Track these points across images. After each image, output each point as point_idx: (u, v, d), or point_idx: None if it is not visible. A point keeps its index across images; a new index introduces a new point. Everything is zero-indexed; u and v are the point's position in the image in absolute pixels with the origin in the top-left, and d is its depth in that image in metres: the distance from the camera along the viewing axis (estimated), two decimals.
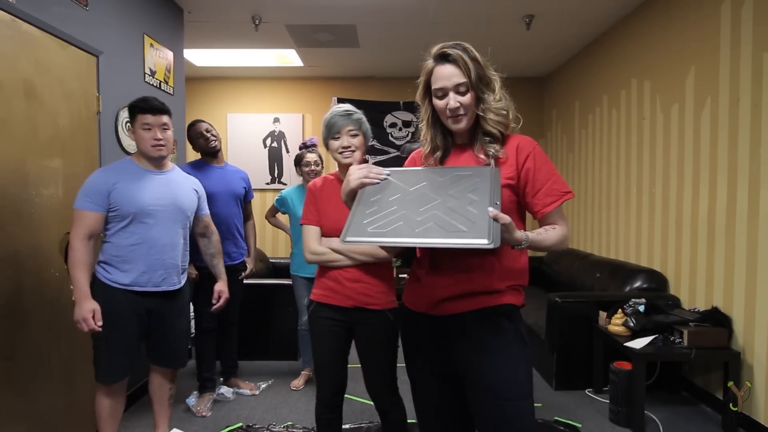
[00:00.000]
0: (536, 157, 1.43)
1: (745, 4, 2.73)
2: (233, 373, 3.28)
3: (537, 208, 1.43)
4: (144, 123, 2.12)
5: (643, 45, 3.73)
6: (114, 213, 2.07)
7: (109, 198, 2.05)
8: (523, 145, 1.44)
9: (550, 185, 1.42)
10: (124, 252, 2.09)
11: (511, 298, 1.41)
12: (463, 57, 1.40)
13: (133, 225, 2.09)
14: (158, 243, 2.13)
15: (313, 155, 3.23)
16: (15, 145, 2.14)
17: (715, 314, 2.82)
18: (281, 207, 3.45)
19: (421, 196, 1.36)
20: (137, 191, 2.10)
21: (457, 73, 1.40)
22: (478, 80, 1.41)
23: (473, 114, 1.43)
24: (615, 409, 2.82)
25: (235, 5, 3.81)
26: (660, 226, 3.52)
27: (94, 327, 1.99)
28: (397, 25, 4.24)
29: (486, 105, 1.42)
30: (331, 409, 1.97)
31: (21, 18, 2.16)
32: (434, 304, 1.43)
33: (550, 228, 1.40)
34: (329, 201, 1.94)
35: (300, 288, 3.32)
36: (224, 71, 5.70)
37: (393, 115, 5.92)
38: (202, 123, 3.04)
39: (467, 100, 1.41)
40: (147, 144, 2.13)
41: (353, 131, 1.90)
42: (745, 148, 2.72)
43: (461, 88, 1.40)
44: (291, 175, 5.94)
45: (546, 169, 1.43)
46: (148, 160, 2.18)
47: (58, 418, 2.38)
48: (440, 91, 1.43)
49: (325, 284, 1.93)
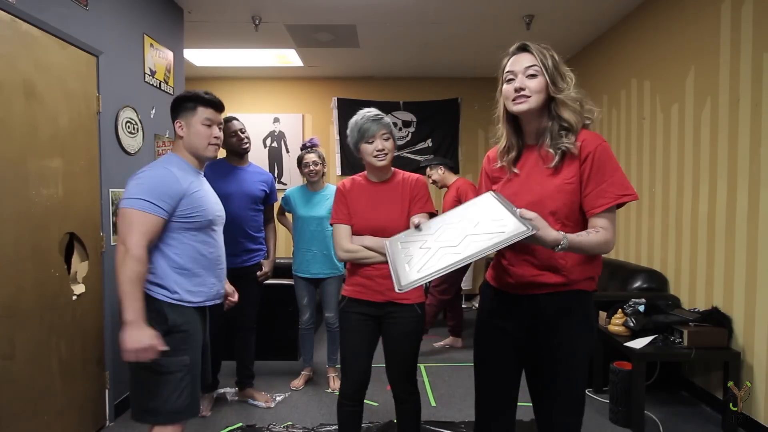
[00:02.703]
0: (597, 156, 1.40)
1: (745, 4, 2.73)
2: (249, 383, 3.13)
3: (587, 208, 1.42)
4: (206, 118, 1.87)
5: (643, 45, 3.73)
6: (187, 221, 1.77)
7: (180, 202, 1.74)
8: (587, 142, 1.42)
9: (605, 186, 1.39)
10: (191, 263, 1.79)
11: (582, 285, 1.48)
12: (539, 46, 1.43)
13: (204, 233, 1.83)
14: (223, 252, 1.95)
15: (312, 155, 3.23)
16: (15, 145, 2.14)
17: (715, 314, 2.81)
18: (285, 206, 3.46)
19: (447, 232, 1.44)
20: (207, 196, 1.87)
21: (530, 58, 1.42)
22: (554, 68, 1.41)
23: (539, 100, 1.42)
24: (615, 409, 2.82)
25: (235, 5, 3.81)
26: (660, 226, 3.52)
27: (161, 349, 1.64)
28: (397, 25, 4.24)
29: (561, 92, 1.41)
30: (355, 402, 2.07)
31: (21, 18, 2.16)
32: (513, 286, 1.52)
33: (593, 231, 1.39)
34: (358, 200, 2.02)
35: (300, 288, 3.33)
36: (224, 71, 5.70)
37: (393, 115, 5.92)
38: (236, 122, 2.97)
39: (535, 84, 1.41)
40: (204, 141, 1.86)
41: (386, 135, 1.97)
42: (745, 148, 2.72)
43: (531, 71, 1.41)
44: (291, 175, 5.94)
45: (605, 169, 1.40)
46: (198, 159, 1.90)
47: (58, 418, 2.38)
48: (510, 74, 1.44)
49: (358, 281, 2.01)
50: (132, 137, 3.05)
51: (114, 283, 1.75)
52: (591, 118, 1.47)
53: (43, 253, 2.30)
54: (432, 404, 3.10)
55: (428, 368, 3.76)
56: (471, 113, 5.94)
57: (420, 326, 2.03)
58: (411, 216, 1.90)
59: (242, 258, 2.96)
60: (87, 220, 2.61)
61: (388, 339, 2.03)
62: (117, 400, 2.87)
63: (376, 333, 2.04)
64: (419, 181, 2.03)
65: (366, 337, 2.02)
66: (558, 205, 1.41)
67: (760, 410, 2.64)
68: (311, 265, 3.23)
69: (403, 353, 2.02)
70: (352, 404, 2.06)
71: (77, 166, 2.55)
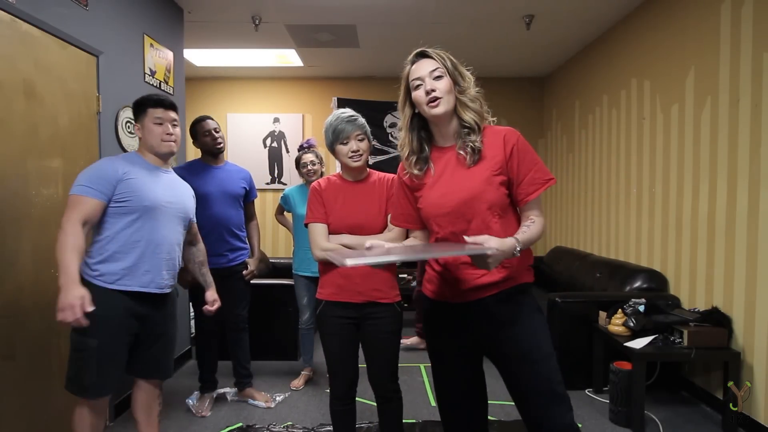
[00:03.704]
0: (520, 148, 1.49)
1: (745, 4, 2.73)
2: (248, 383, 3.12)
3: (520, 197, 1.49)
4: (156, 117, 2.02)
5: (643, 45, 3.73)
6: (121, 205, 1.92)
7: (116, 188, 1.90)
8: (508, 137, 1.50)
9: (533, 174, 1.48)
10: (124, 248, 1.92)
11: (524, 278, 1.53)
12: (436, 51, 1.51)
13: (141, 220, 1.95)
14: (166, 242, 2.02)
15: (310, 155, 3.24)
16: (15, 145, 2.14)
17: (715, 314, 2.81)
18: (285, 205, 3.47)
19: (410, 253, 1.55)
20: (151, 185, 1.99)
21: (432, 62, 1.49)
22: (454, 68, 1.49)
23: (451, 101, 1.48)
24: (615, 409, 2.82)
25: (235, 5, 3.81)
26: (660, 226, 3.52)
27: (81, 319, 1.74)
28: (397, 25, 4.24)
29: (463, 92, 1.49)
30: (346, 401, 2.06)
31: (21, 18, 2.16)
32: (456, 294, 1.52)
33: (530, 223, 1.47)
34: (335, 199, 2.01)
35: (300, 287, 3.33)
36: (224, 71, 5.70)
37: (393, 115, 5.91)
38: (210, 121, 2.96)
39: (443, 85, 1.47)
40: (157, 138, 2.03)
41: (360, 135, 1.97)
42: (745, 148, 2.72)
43: (436, 73, 1.47)
44: (291, 175, 5.94)
45: (529, 159, 1.49)
46: (157, 156, 2.07)
47: (58, 418, 2.38)
48: (417, 80, 1.49)
49: (334, 282, 1.98)
50: (132, 137, 3.05)
51: None
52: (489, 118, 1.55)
53: (43, 253, 2.30)
54: (432, 404, 3.10)
55: (428, 368, 3.76)
56: None
57: (400, 325, 2.04)
58: (387, 215, 1.92)
59: (228, 257, 2.94)
60: None
61: (370, 340, 2.00)
62: (117, 400, 2.87)
63: (358, 332, 2.02)
64: (395, 181, 2.03)
65: (348, 338, 2.00)
66: (492, 197, 1.46)
67: (760, 410, 2.63)
68: (312, 264, 3.23)
69: (385, 353, 2.02)
70: (344, 403, 2.06)
71: (77, 166, 2.53)
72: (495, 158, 1.47)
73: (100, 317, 1.84)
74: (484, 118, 1.53)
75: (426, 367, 3.77)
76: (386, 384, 2.04)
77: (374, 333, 1.98)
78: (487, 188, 1.46)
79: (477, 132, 1.49)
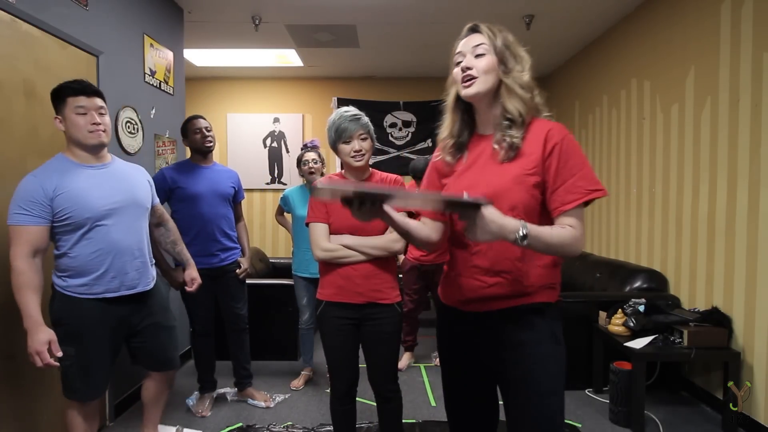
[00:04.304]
0: (564, 148, 1.28)
1: (745, 4, 2.73)
2: (248, 383, 3.13)
3: (554, 205, 1.28)
4: (77, 106, 1.84)
5: (643, 45, 3.73)
6: (64, 223, 1.81)
7: (52, 206, 1.78)
8: (552, 133, 1.29)
9: (574, 181, 1.26)
10: (86, 262, 1.86)
11: (541, 296, 1.33)
12: (490, 26, 1.33)
13: (92, 231, 1.85)
14: (122, 244, 1.92)
15: (312, 154, 3.24)
16: (15, 145, 2.14)
17: (715, 314, 2.81)
18: (285, 206, 3.46)
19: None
20: (87, 193, 1.84)
21: (479, 37, 1.32)
22: (504, 47, 1.30)
23: (488, 82, 1.30)
24: (615, 409, 2.82)
25: (235, 5, 3.81)
26: (660, 226, 3.52)
27: (51, 362, 1.77)
28: (397, 25, 4.24)
29: (511, 75, 1.30)
30: (347, 401, 2.07)
31: (21, 18, 2.16)
32: (464, 302, 1.39)
33: (559, 227, 1.25)
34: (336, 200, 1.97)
35: (300, 288, 3.33)
36: (224, 71, 5.70)
37: (393, 115, 5.92)
38: (201, 120, 2.96)
39: (483, 63, 1.29)
40: (82, 130, 1.84)
41: (363, 135, 1.95)
42: (745, 148, 2.72)
43: (479, 50, 1.30)
44: (291, 175, 5.94)
45: (573, 163, 1.27)
46: (86, 150, 1.89)
47: (57, 418, 2.38)
48: (458, 55, 1.34)
49: (335, 282, 1.97)
50: (132, 137, 3.05)
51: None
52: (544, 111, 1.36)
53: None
54: (432, 404, 3.10)
55: (428, 368, 3.76)
56: None
57: (400, 325, 2.04)
58: None
59: (220, 257, 2.93)
60: None
61: (370, 340, 2.01)
62: (117, 400, 2.87)
63: (357, 334, 2.02)
64: (397, 181, 2.03)
65: (348, 338, 2.00)
66: (518, 198, 1.27)
67: (760, 410, 2.63)
68: (311, 264, 3.23)
69: (388, 353, 2.02)
70: (345, 403, 2.07)
71: None
72: (532, 155, 1.28)
73: (75, 327, 1.87)
74: (535, 110, 1.33)
75: (426, 367, 3.77)
76: (386, 384, 2.05)
77: (374, 333, 1.99)
78: (515, 188, 1.28)
79: (520, 125, 1.30)
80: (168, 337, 2.18)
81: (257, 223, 5.94)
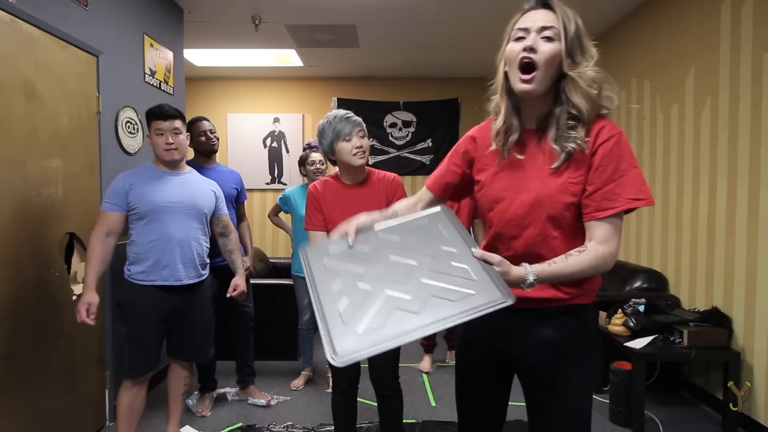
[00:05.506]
0: (611, 146, 1.12)
1: (745, 4, 2.73)
2: (251, 381, 3.14)
3: (586, 210, 1.14)
4: (157, 129, 2.23)
5: (643, 45, 3.73)
6: (133, 212, 2.20)
7: (127, 198, 2.18)
8: (603, 132, 1.14)
9: (613, 187, 1.11)
10: (144, 249, 2.20)
11: (578, 299, 1.24)
12: (563, 7, 1.14)
13: (152, 222, 2.20)
14: (174, 238, 2.22)
15: (318, 155, 3.22)
16: (15, 145, 2.14)
17: (715, 314, 2.81)
18: (284, 206, 3.44)
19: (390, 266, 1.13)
20: (152, 191, 2.21)
21: (551, 16, 1.12)
22: (576, 36, 1.13)
23: (549, 80, 1.13)
24: (615, 409, 2.82)
25: (235, 5, 3.81)
26: (660, 226, 3.52)
27: (85, 320, 2.06)
28: (397, 25, 4.24)
29: (579, 69, 1.12)
30: (349, 397, 2.08)
31: (21, 18, 2.16)
32: None
33: (578, 252, 1.12)
34: (334, 204, 1.98)
35: (300, 288, 3.33)
36: (224, 71, 5.70)
37: (393, 115, 5.93)
38: (206, 122, 2.97)
39: (549, 49, 1.10)
40: (159, 148, 2.25)
41: (361, 132, 1.97)
42: (745, 148, 2.72)
43: (548, 32, 1.11)
44: (291, 175, 5.94)
45: (616, 166, 1.12)
46: (163, 164, 2.30)
47: (58, 418, 2.38)
48: (521, 31, 1.13)
49: None
50: (132, 137, 3.05)
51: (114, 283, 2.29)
52: (608, 108, 1.18)
53: (43, 253, 2.30)
54: (432, 404, 3.10)
55: None
56: (471, 113, 5.94)
57: None
58: None
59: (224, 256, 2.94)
60: (87, 220, 2.61)
61: None
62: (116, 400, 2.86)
63: None
64: (395, 180, 2.03)
65: None
66: (559, 209, 1.15)
67: (760, 410, 2.64)
68: None
69: (389, 351, 2.01)
70: (346, 400, 2.08)
71: (77, 166, 2.55)
72: (581, 160, 1.15)
73: (131, 309, 2.21)
74: (598, 110, 1.16)
75: None
76: (387, 382, 2.06)
77: None
78: (558, 196, 1.15)
79: (584, 125, 1.13)
80: (201, 332, 2.40)
81: (257, 223, 5.93)
